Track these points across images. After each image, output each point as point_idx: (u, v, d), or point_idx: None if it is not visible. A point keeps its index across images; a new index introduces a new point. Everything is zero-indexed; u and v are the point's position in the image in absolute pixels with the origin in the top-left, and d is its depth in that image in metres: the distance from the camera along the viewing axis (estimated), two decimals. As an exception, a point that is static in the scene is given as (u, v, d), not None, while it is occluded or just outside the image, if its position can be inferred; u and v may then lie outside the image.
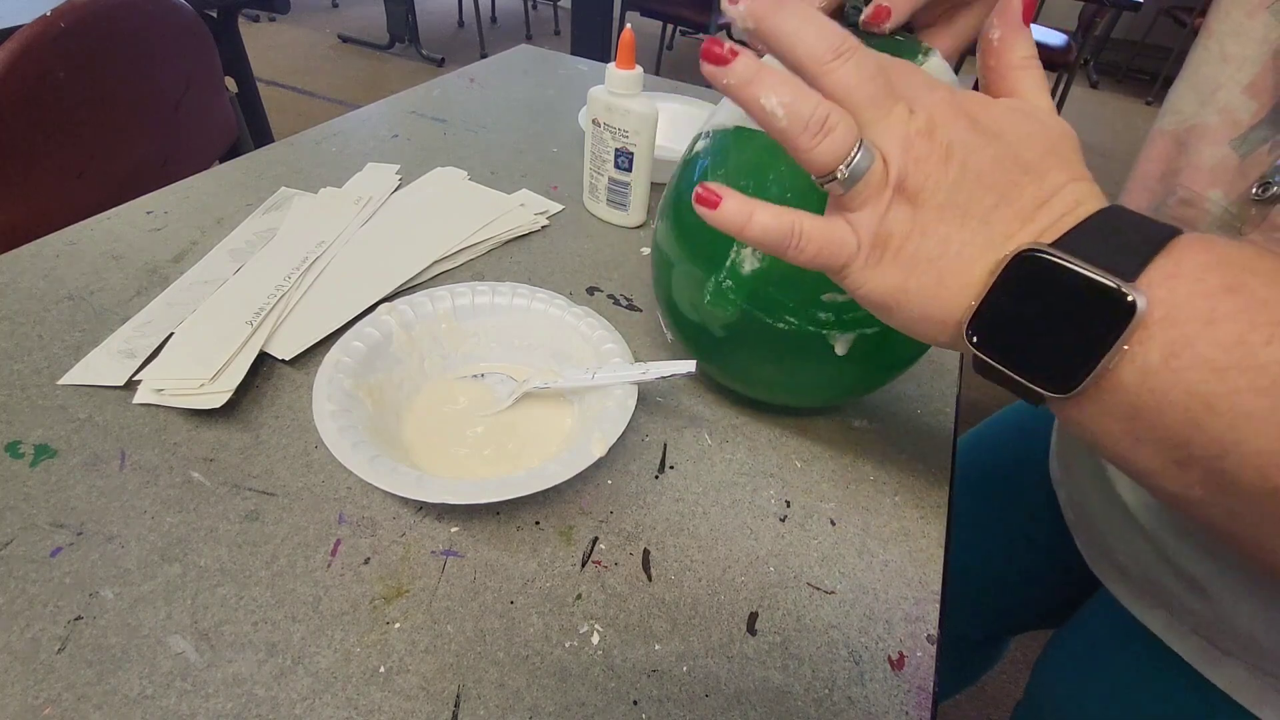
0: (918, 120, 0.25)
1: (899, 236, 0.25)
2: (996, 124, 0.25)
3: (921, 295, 0.25)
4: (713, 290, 0.37)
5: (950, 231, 0.25)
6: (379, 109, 0.76)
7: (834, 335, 0.35)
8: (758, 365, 0.39)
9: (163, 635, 0.30)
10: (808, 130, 0.25)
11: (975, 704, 1.12)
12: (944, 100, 0.25)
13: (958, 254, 0.24)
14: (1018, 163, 0.24)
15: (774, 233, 0.27)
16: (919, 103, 0.25)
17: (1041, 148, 0.25)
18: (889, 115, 0.25)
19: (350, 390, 0.37)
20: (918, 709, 0.31)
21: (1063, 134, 0.26)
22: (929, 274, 0.25)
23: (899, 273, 0.26)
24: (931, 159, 0.24)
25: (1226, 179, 0.34)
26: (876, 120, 0.25)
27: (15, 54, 0.68)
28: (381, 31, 3.37)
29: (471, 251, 0.55)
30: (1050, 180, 0.24)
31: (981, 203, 0.24)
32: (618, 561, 0.35)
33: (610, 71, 0.54)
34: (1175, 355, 0.21)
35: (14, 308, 0.45)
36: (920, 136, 0.25)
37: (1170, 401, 0.21)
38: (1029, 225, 0.24)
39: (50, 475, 0.35)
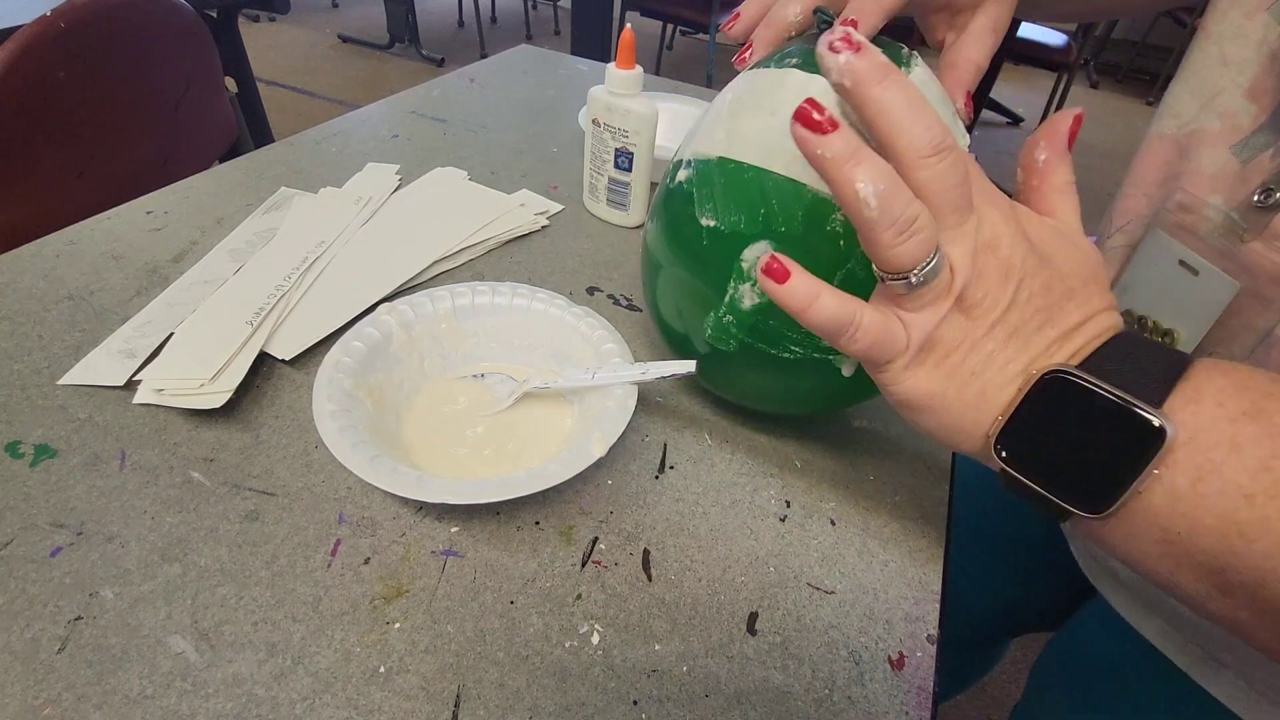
0: (984, 233, 0.25)
1: (949, 346, 0.25)
2: (1047, 246, 0.26)
3: (958, 406, 0.26)
4: (713, 325, 0.36)
5: (997, 349, 0.25)
6: (379, 109, 0.76)
7: (840, 359, 0.34)
8: (757, 383, 0.39)
9: (163, 635, 0.30)
10: (895, 227, 0.23)
11: (975, 704, 1.12)
12: (1006, 216, 0.25)
13: (1000, 370, 0.25)
14: (1065, 288, 0.25)
15: (834, 321, 0.26)
16: (984, 215, 0.25)
17: (1085, 274, 0.26)
18: (964, 224, 0.25)
19: (350, 390, 0.37)
20: (918, 709, 0.31)
21: (1099, 261, 0.27)
22: (970, 387, 0.25)
23: (940, 380, 0.26)
24: (993, 276, 0.25)
25: (1227, 185, 0.33)
26: (954, 227, 0.25)
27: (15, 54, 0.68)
28: (381, 31, 3.37)
29: (471, 251, 0.55)
30: (1086, 306, 0.25)
31: (1030, 323, 0.25)
32: (618, 561, 0.35)
33: (610, 71, 0.54)
34: (1203, 480, 0.21)
35: (14, 308, 0.45)
36: (986, 251, 0.25)
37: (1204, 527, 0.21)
38: (1064, 347, 0.25)
39: (50, 475, 0.35)
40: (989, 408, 0.25)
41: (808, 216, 0.31)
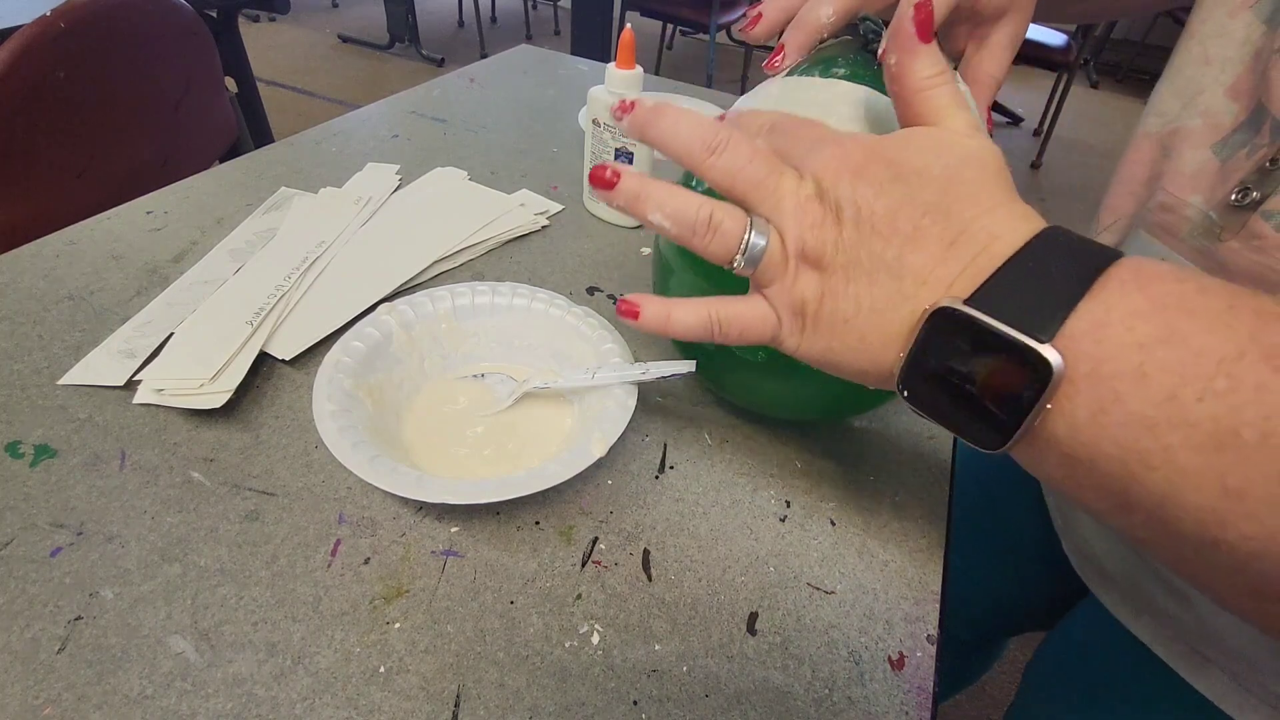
0: (806, 185, 0.25)
1: (812, 303, 0.25)
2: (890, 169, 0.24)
3: (848, 354, 0.25)
4: None
5: (859, 290, 0.24)
6: (379, 109, 0.76)
7: None
8: (769, 388, 0.39)
9: (163, 635, 0.30)
10: (696, 233, 0.26)
11: (975, 704, 1.12)
12: (831, 157, 0.25)
13: (871, 309, 0.24)
14: (915, 206, 0.23)
15: (695, 328, 0.28)
16: (807, 165, 0.25)
17: (941, 182, 0.24)
18: (777, 190, 0.25)
19: (350, 390, 0.37)
20: (918, 709, 0.31)
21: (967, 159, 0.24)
22: (849, 334, 0.25)
23: (823, 337, 0.26)
24: (825, 222, 0.25)
25: (1207, 184, 0.33)
26: (764, 199, 0.26)
27: (15, 54, 0.68)
28: (381, 31, 3.37)
29: (471, 251, 0.55)
30: (956, 216, 0.23)
31: (883, 256, 0.24)
32: (618, 561, 0.35)
33: (610, 71, 0.54)
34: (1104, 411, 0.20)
35: (14, 308, 0.45)
36: (810, 201, 0.25)
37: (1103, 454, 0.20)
38: (940, 268, 0.23)
39: (50, 475, 0.35)
40: (877, 349, 0.24)
41: None
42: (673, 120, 0.27)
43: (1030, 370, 0.21)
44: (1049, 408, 0.21)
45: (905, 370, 0.24)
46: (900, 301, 0.23)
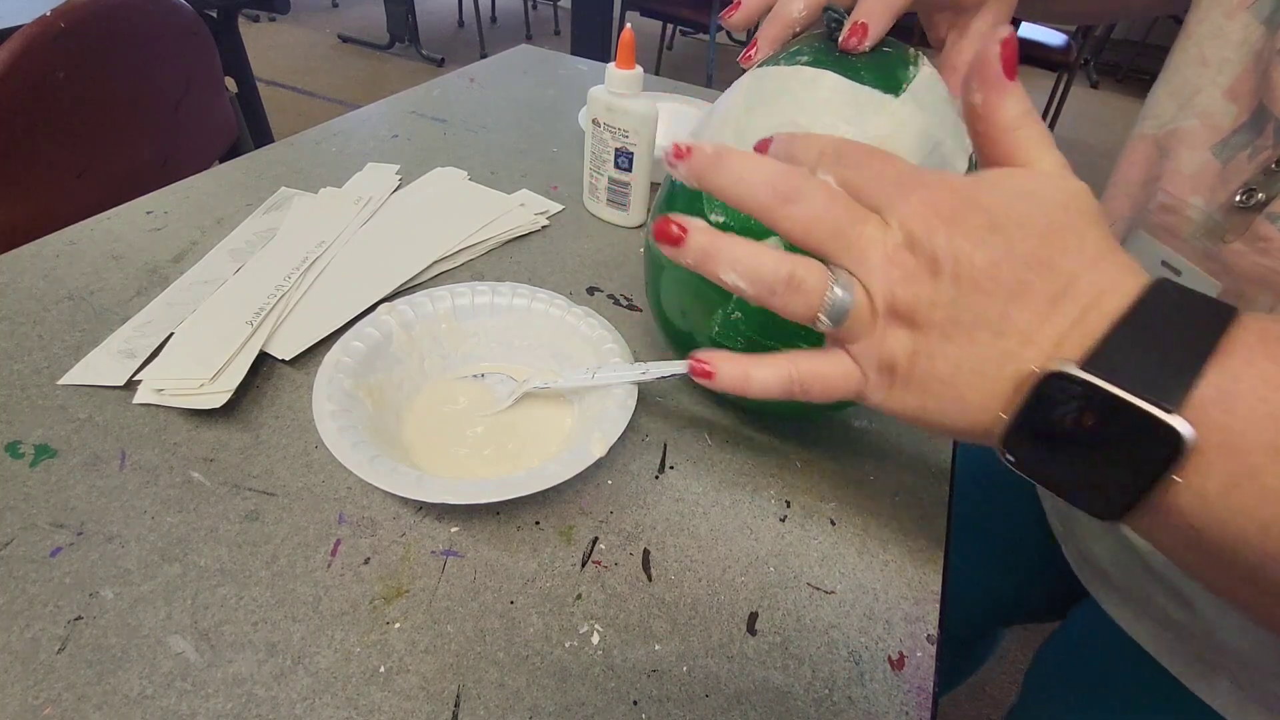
0: (893, 234, 0.23)
1: (904, 361, 0.24)
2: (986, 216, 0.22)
3: (943, 414, 0.24)
4: (721, 322, 0.36)
5: (958, 349, 0.22)
6: (379, 109, 0.76)
7: None
8: None
9: (163, 635, 0.30)
10: (774, 293, 0.24)
11: (975, 704, 1.12)
12: (921, 203, 0.23)
13: (972, 369, 0.22)
14: (1016, 258, 0.22)
15: (774, 388, 0.26)
16: (893, 211, 0.23)
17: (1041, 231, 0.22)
18: (859, 241, 0.23)
19: (350, 390, 0.37)
20: (918, 709, 0.31)
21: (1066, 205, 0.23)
22: (945, 393, 0.23)
23: (915, 395, 0.24)
24: (919, 276, 0.23)
25: (1207, 185, 0.33)
26: (846, 250, 0.24)
27: (15, 54, 0.68)
28: (381, 31, 3.37)
29: (471, 251, 0.55)
30: (1061, 269, 0.21)
31: (985, 313, 0.22)
32: (618, 561, 0.35)
33: (610, 71, 0.54)
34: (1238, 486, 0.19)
35: (14, 308, 0.45)
36: (900, 252, 0.23)
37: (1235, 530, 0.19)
38: (1046, 325, 0.21)
39: (50, 475, 0.35)
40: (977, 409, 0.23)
41: None
42: (738, 167, 0.25)
43: (1155, 440, 0.19)
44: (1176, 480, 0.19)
45: (1010, 433, 0.22)
46: (1004, 361, 0.22)
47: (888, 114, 0.30)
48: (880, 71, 0.31)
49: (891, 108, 0.30)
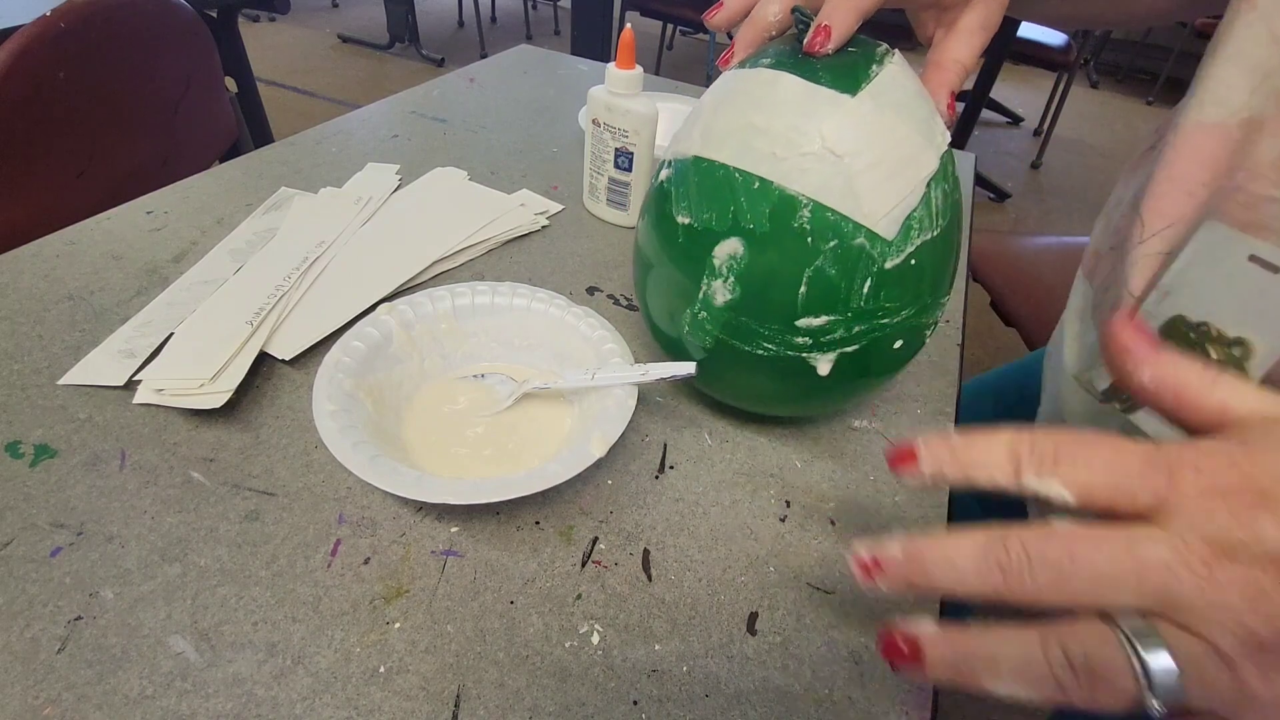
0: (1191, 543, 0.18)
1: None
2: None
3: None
4: (690, 321, 0.36)
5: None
6: (379, 109, 0.76)
7: (815, 357, 0.34)
8: (738, 381, 0.39)
9: (163, 635, 0.30)
10: (1064, 687, 0.19)
11: (975, 704, 1.12)
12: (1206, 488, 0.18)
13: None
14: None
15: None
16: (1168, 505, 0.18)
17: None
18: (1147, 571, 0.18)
19: (350, 390, 0.37)
20: (918, 709, 0.31)
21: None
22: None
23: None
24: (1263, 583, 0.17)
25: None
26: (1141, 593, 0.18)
27: (15, 54, 0.68)
28: (381, 31, 3.37)
29: (471, 251, 0.55)
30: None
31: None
32: (618, 561, 0.35)
33: (610, 71, 0.54)
34: None
35: (14, 308, 0.45)
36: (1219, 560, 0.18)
37: None
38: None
39: (50, 475, 0.35)
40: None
41: (775, 214, 0.32)
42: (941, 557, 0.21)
43: None
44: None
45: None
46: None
47: (843, 112, 0.31)
48: (839, 72, 0.31)
49: (848, 106, 0.31)
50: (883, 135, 0.31)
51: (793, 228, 0.31)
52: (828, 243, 0.31)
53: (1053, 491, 0.20)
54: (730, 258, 0.33)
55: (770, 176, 0.31)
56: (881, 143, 0.31)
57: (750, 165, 0.32)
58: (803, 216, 0.31)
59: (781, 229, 0.32)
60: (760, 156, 0.32)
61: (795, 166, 0.31)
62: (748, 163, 0.32)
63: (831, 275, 0.31)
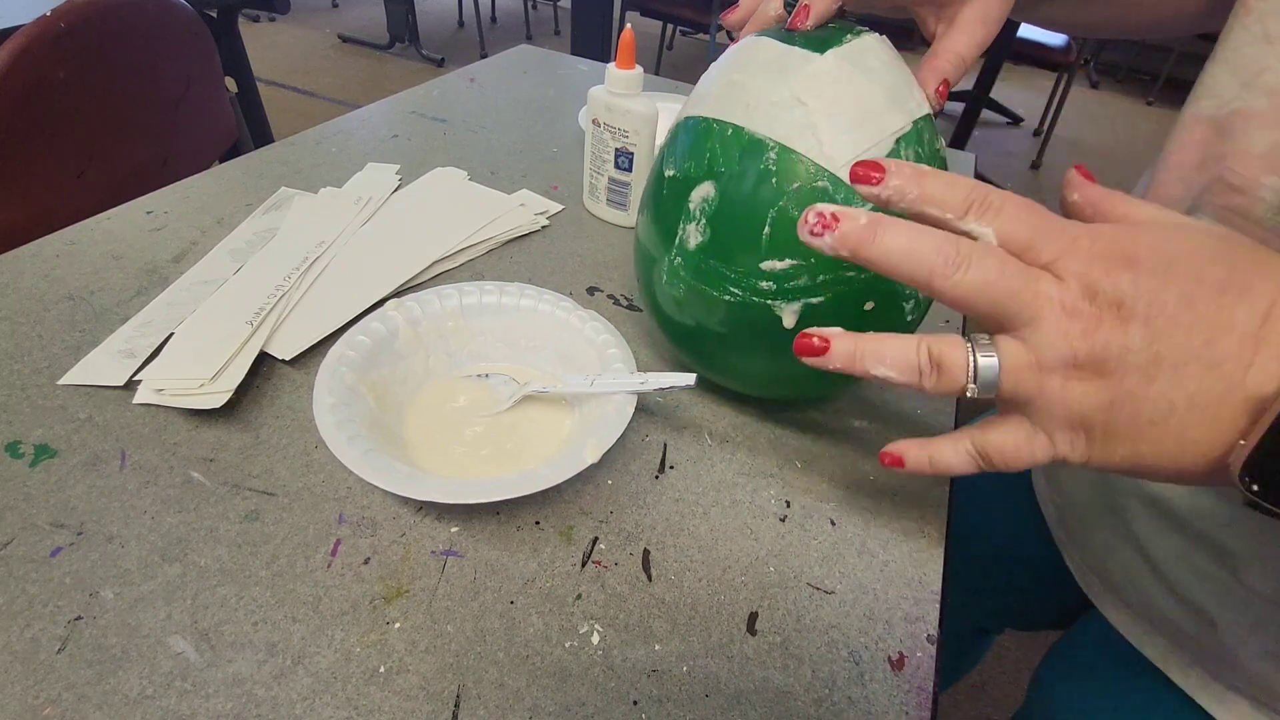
0: (1070, 286, 0.23)
1: (1098, 414, 0.23)
2: (1162, 254, 0.22)
3: (1163, 457, 0.23)
4: (668, 270, 0.38)
5: (1167, 388, 0.22)
6: (379, 109, 0.76)
7: (779, 306, 0.35)
8: (722, 349, 0.39)
9: (163, 635, 0.30)
10: (921, 374, 0.25)
11: (975, 704, 1.12)
12: (1092, 250, 0.23)
13: (1191, 405, 0.22)
14: (1208, 286, 0.21)
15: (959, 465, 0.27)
16: (1063, 264, 0.23)
17: (1224, 259, 0.22)
18: (1035, 300, 0.23)
19: (352, 385, 0.37)
20: (918, 709, 0.31)
21: (1223, 236, 0.23)
22: (1164, 436, 0.22)
23: (1125, 445, 0.23)
24: (1103, 324, 0.22)
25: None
26: (1019, 311, 0.23)
27: (15, 54, 0.68)
28: (381, 31, 3.37)
29: (471, 251, 0.55)
30: (1258, 292, 0.21)
31: (1189, 347, 0.21)
32: (618, 561, 0.35)
33: (610, 71, 0.54)
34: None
35: (14, 308, 0.45)
36: (1081, 302, 0.22)
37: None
38: (1263, 348, 0.21)
39: (50, 475, 0.35)
40: (1205, 445, 0.22)
41: (744, 156, 0.34)
42: (903, 236, 0.24)
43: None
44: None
45: (1256, 459, 0.21)
46: (1225, 391, 0.21)
47: (812, 67, 0.33)
48: (815, 40, 0.34)
49: (816, 61, 0.33)
50: (846, 89, 0.33)
51: (759, 169, 0.33)
52: (791, 184, 0.33)
53: (983, 234, 0.24)
54: (703, 200, 0.35)
55: (742, 123, 0.34)
56: (845, 96, 0.33)
57: (726, 115, 0.35)
58: (769, 159, 0.33)
59: (749, 170, 0.34)
60: (736, 107, 0.34)
61: (765, 115, 0.33)
62: (724, 113, 0.35)
63: (794, 216, 0.32)
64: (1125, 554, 0.41)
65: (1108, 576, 0.43)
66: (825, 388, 0.44)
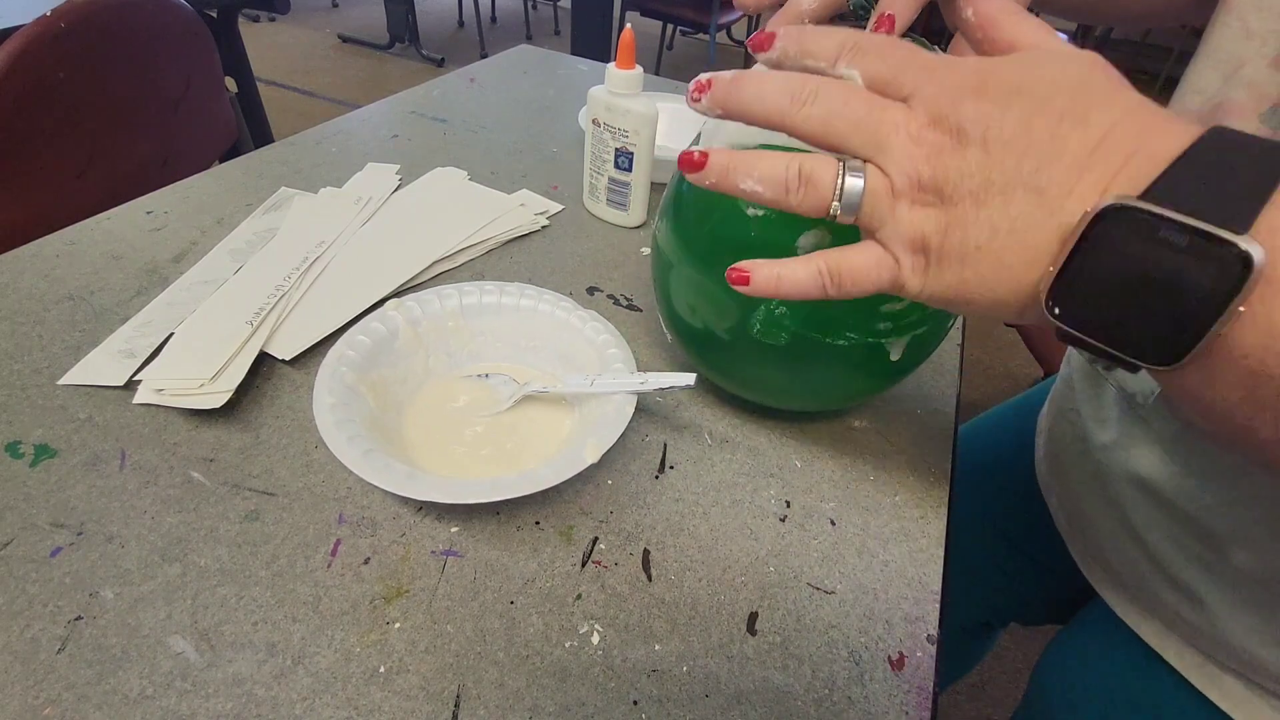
0: (918, 115, 0.24)
1: (935, 236, 0.24)
2: (1010, 82, 0.23)
3: (984, 284, 0.24)
4: (763, 319, 0.36)
5: (993, 213, 0.22)
6: (379, 109, 0.76)
7: (891, 342, 0.35)
8: (768, 374, 0.39)
9: (163, 635, 0.30)
10: (789, 190, 0.26)
11: (975, 704, 1.12)
12: (944, 82, 0.23)
13: (1010, 230, 0.22)
14: (1048, 114, 0.22)
15: (806, 284, 0.27)
16: (917, 95, 0.24)
17: (1070, 88, 0.22)
18: (881, 128, 0.24)
19: (352, 384, 0.37)
20: (918, 709, 0.31)
21: (1091, 66, 0.23)
22: (984, 261, 0.23)
23: (952, 269, 0.24)
24: (945, 149, 0.23)
25: None
26: (867, 139, 0.24)
27: (15, 54, 0.68)
28: (381, 31, 3.37)
29: (471, 251, 0.55)
30: (1097, 120, 0.21)
31: (1019, 171, 0.22)
32: (618, 561, 0.35)
33: (610, 71, 0.54)
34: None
35: (14, 308, 0.45)
36: (927, 129, 0.23)
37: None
38: (1088, 175, 0.21)
39: (50, 475, 0.35)
40: (1020, 270, 0.23)
41: None
42: (755, 83, 0.26)
43: (1222, 268, 0.19)
44: (1241, 310, 0.19)
45: (1058, 286, 0.22)
46: (1044, 217, 0.22)
47: None
48: None
49: None
50: None
51: None
52: None
53: (850, 75, 0.25)
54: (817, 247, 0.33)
55: None
56: None
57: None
58: None
59: None
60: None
61: None
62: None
63: None
64: (1122, 540, 0.41)
65: (1107, 563, 0.44)
66: (850, 401, 0.44)
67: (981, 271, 0.23)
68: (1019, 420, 0.58)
